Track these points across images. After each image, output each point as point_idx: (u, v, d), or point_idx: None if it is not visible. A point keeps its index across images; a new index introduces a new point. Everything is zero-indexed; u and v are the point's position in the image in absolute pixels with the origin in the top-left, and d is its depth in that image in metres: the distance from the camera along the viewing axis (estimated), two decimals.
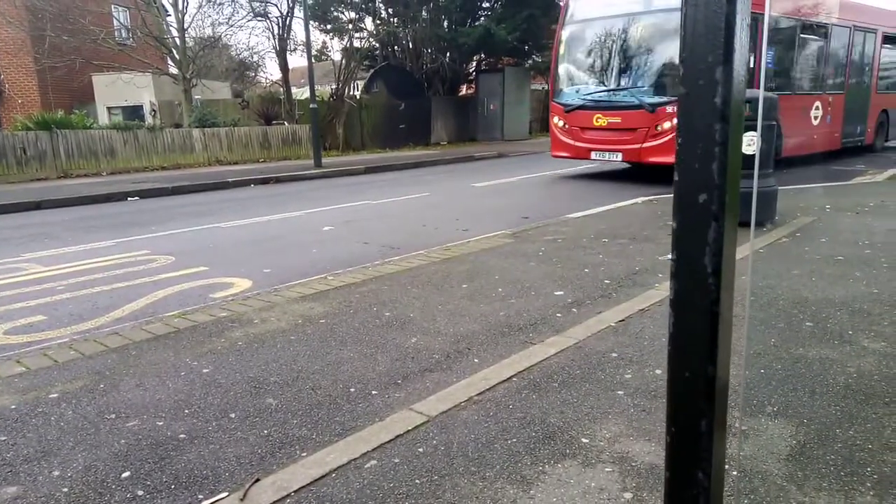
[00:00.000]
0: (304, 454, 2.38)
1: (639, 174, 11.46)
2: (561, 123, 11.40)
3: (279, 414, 2.71)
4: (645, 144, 10.11)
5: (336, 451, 2.39)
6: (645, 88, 10.29)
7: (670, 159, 9.74)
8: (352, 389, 2.93)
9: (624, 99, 10.44)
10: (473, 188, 11.19)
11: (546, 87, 28.20)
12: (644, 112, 10.05)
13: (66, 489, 2.19)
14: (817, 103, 12.24)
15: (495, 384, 2.92)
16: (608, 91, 10.74)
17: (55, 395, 2.92)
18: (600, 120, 10.64)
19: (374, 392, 2.90)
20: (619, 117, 10.42)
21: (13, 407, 2.82)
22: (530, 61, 24.68)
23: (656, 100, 10.01)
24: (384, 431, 2.53)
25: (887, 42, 14.36)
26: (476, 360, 3.22)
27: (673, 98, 9.46)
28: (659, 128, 9.91)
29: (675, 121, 9.18)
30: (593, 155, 10.88)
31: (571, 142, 11.18)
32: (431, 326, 3.75)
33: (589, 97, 10.94)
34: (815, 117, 12.22)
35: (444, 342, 3.49)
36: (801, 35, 11.59)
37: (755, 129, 5.60)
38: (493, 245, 5.94)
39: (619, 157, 10.63)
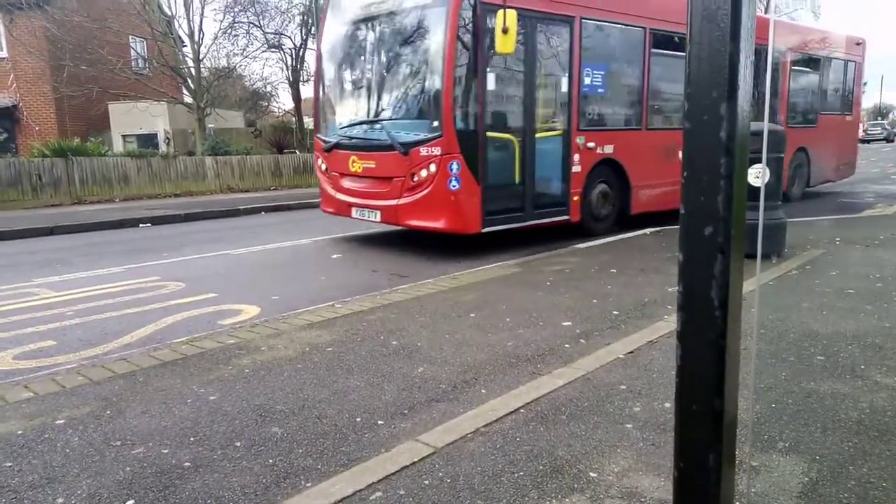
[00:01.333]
0: (309, 485, 2.36)
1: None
2: (323, 167, 8.48)
3: (285, 443, 2.69)
4: (401, 200, 7.19)
5: (341, 482, 2.37)
6: (403, 122, 7.33)
7: (432, 223, 7.06)
8: (358, 419, 2.92)
9: (377, 136, 7.57)
10: None
11: None
12: (398, 155, 7.08)
13: None
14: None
15: (503, 415, 2.89)
16: (364, 124, 7.86)
17: (62, 422, 2.92)
18: (355, 164, 7.74)
19: (380, 422, 2.88)
20: (373, 161, 7.54)
21: (20, 432, 2.82)
22: None
23: (411, 138, 7.02)
24: (390, 462, 2.50)
25: (802, 61, 11.81)
26: (483, 391, 3.19)
27: (432, 136, 6.78)
28: (415, 177, 7.00)
29: (433, 167, 6.75)
30: (354, 212, 7.94)
31: (333, 192, 8.29)
32: (438, 356, 3.73)
33: (344, 132, 8.07)
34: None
35: (451, 372, 3.47)
36: (655, 49, 8.91)
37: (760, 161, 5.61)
38: (501, 274, 5.94)
39: (378, 216, 7.60)
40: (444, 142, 6.80)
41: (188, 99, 19.02)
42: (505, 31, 6.28)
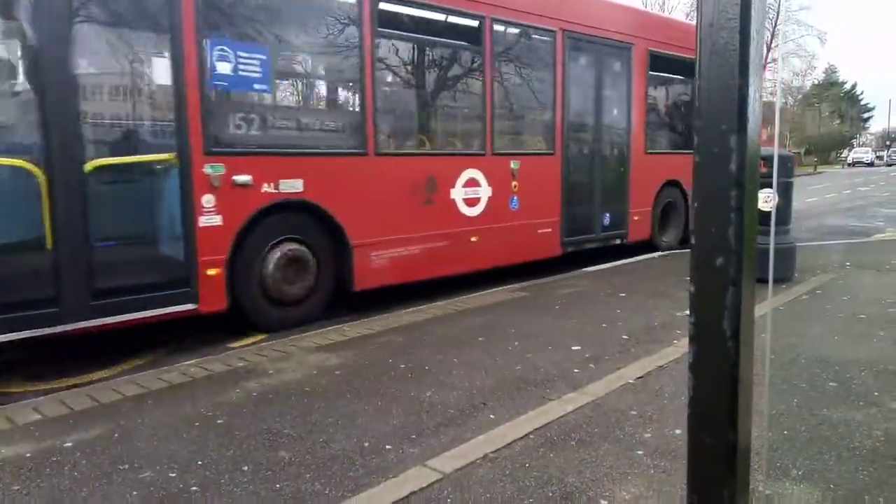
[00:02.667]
0: None
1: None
2: None
3: (292, 467, 2.68)
4: None
5: None
6: None
7: None
8: (366, 444, 2.90)
9: None
10: None
11: None
12: None
13: None
14: (470, 173, 6.49)
15: (511, 441, 2.87)
16: None
17: (70, 444, 2.92)
18: None
19: (388, 447, 2.86)
20: None
21: (28, 455, 2.82)
22: None
23: None
24: (398, 488, 2.48)
25: (661, 66, 8.80)
26: (492, 416, 3.17)
27: None
28: None
29: None
30: None
31: None
32: (447, 380, 3.72)
33: None
34: (460, 200, 6.42)
35: (459, 396, 3.46)
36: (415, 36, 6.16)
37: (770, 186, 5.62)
38: (509, 298, 5.93)
39: None
40: None
41: None
42: None
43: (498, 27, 6.75)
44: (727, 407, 0.89)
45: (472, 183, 6.58)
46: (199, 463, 2.73)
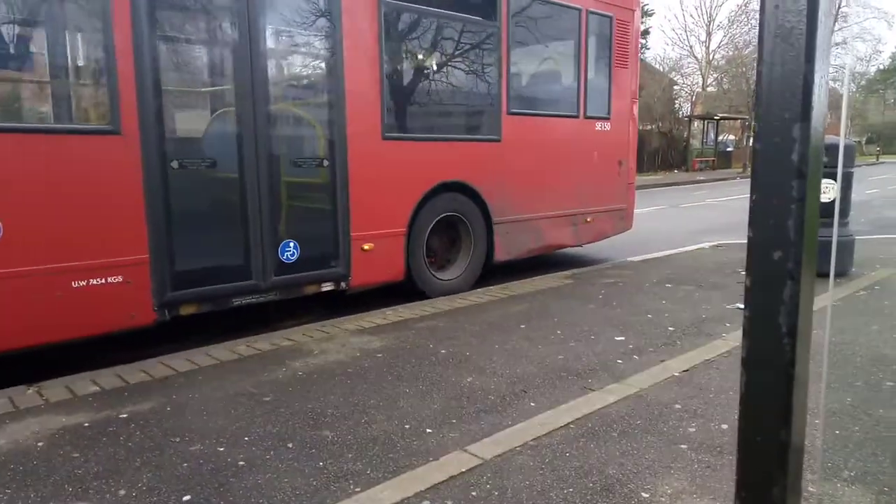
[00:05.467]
0: (358, 490, 2.39)
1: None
2: None
3: (335, 446, 2.74)
4: None
5: (389, 489, 2.39)
6: None
7: None
8: (406, 426, 2.94)
9: None
10: None
11: None
12: None
13: None
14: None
15: (552, 430, 2.86)
16: None
17: (125, 416, 3.05)
18: None
19: (428, 430, 2.89)
20: None
21: (86, 424, 2.96)
22: None
23: None
24: (438, 471, 2.51)
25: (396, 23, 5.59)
26: (532, 404, 3.16)
27: None
28: None
29: None
30: None
31: None
32: (487, 366, 3.72)
33: None
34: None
35: (499, 383, 3.46)
36: None
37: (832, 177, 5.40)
38: (553, 285, 5.88)
39: None
40: None
41: None
42: None
43: None
44: (781, 405, 0.86)
45: None
46: (246, 439, 2.81)
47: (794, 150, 0.82)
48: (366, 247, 5.20)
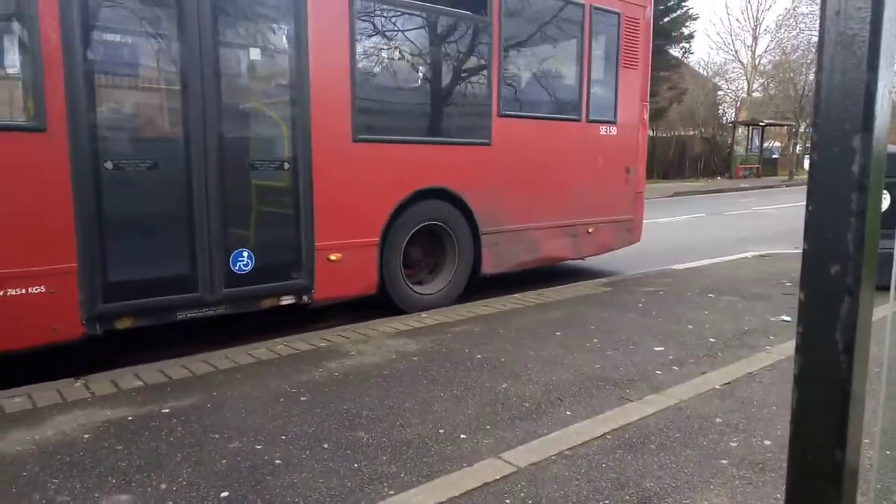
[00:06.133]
0: (392, 492, 2.40)
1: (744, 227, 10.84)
2: None
3: (370, 448, 2.75)
4: None
5: (423, 493, 2.39)
6: None
7: None
8: (441, 430, 2.93)
9: None
10: None
11: (651, 133, 27.67)
12: None
13: (170, 502, 2.32)
14: None
15: (588, 440, 2.82)
16: None
17: (167, 411, 3.12)
18: None
19: (462, 435, 2.88)
20: None
21: (130, 418, 3.04)
22: None
23: None
24: (471, 478, 2.50)
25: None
26: (568, 413, 3.13)
27: None
28: None
29: None
30: None
31: None
32: (523, 373, 3.70)
33: None
34: None
35: (535, 390, 3.43)
36: None
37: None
38: (590, 293, 5.81)
39: None
40: None
41: None
42: None
43: None
44: (835, 424, 0.83)
45: None
46: (283, 437, 2.85)
47: (855, 162, 0.79)
48: (332, 257, 4.77)
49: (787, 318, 4.84)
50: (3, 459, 2.61)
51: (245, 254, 4.38)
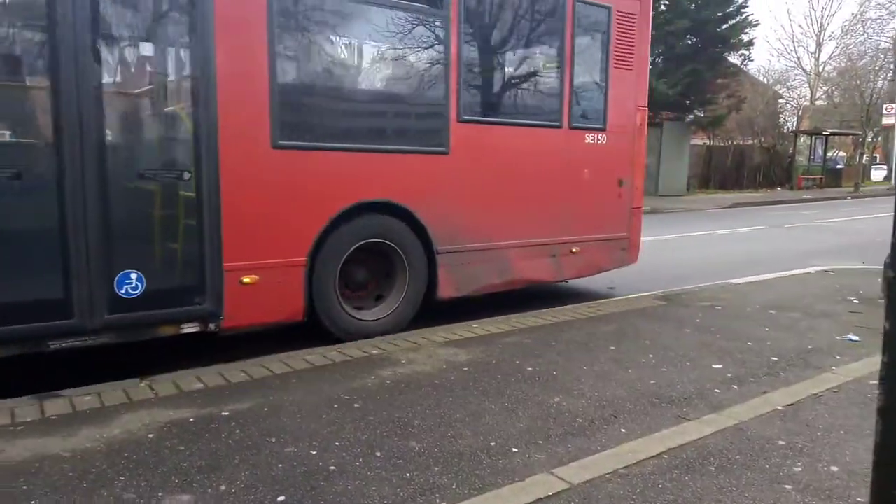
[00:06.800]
0: None
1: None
2: None
3: (422, 458, 2.76)
4: None
5: None
6: None
7: None
8: (492, 443, 2.92)
9: None
10: None
11: (708, 142, 26.99)
12: None
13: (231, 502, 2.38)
14: None
15: (643, 459, 2.76)
16: None
17: (226, 414, 3.22)
18: None
19: (514, 449, 2.86)
20: None
21: (191, 419, 3.15)
22: (692, 116, 23.80)
23: None
24: (524, 493, 2.48)
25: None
26: (623, 430, 3.07)
27: None
28: None
29: None
30: None
31: None
32: (575, 387, 3.65)
33: None
34: None
35: (588, 406, 3.38)
36: None
37: None
38: (644, 306, 5.69)
39: None
40: None
41: None
42: None
43: None
44: None
45: None
46: (337, 444, 2.89)
47: None
48: (246, 279, 4.16)
49: (855, 338, 4.62)
50: (75, 455, 2.74)
51: (133, 276, 3.80)
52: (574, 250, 5.94)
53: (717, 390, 3.61)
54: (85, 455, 2.74)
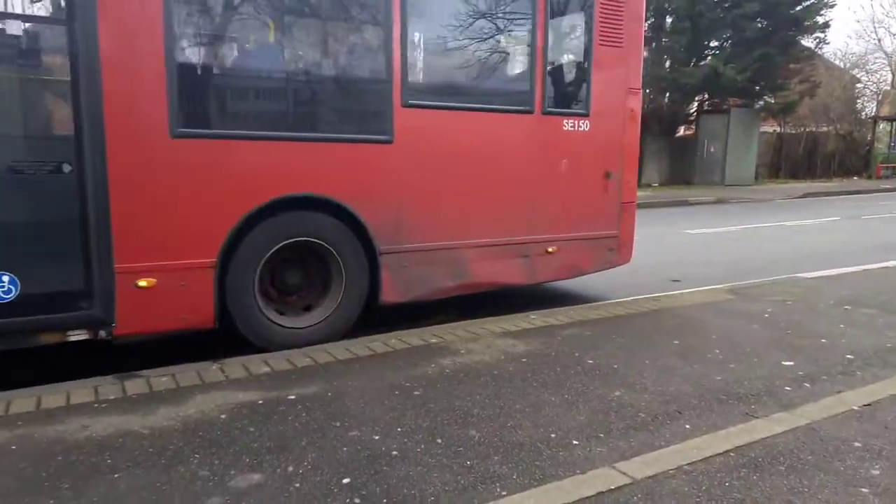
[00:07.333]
0: (504, 493, 2.42)
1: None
2: None
3: (482, 447, 2.79)
4: None
5: (534, 497, 2.39)
6: None
7: None
8: (552, 435, 2.92)
9: None
10: (686, 235, 10.57)
11: (778, 129, 25.84)
12: None
13: (297, 484, 2.47)
14: None
15: (709, 456, 2.69)
16: None
17: (293, 397, 3.33)
18: None
19: (574, 442, 2.85)
20: None
21: (260, 402, 3.27)
22: (761, 102, 22.81)
23: None
24: (585, 486, 2.47)
25: None
26: (687, 426, 3.00)
27: None
28: None
29: None
30: None
31: None
32: (637, 381, 3.59)
33: None
34: None
35: (650, 400, 3.32)
36: None
37: None
38: (710, 300, 5.53)
39: None
40: None
41: None
42: None
43: None
44: None
45: None
46: (399, 430, 2.95)
47: None
48: (142, 283, 3.76)
49: None
50: (154, 433, 2.90)
51: (6, 279, 3.45)
52: (550, 250, 5.31)
53: (788, 388, 3.48)
54: (163, 433, 2.90)
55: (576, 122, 5.29)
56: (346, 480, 2.50)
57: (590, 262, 5.65)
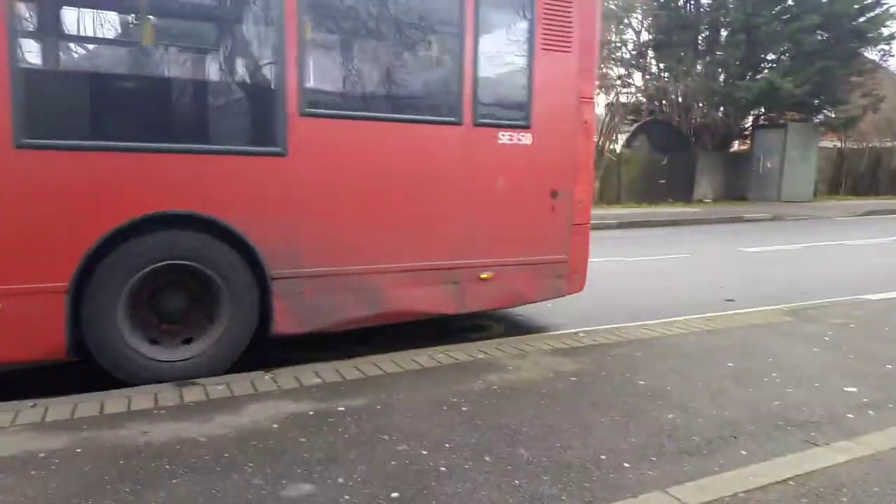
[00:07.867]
0: None
1: None
2: None
3: (530, 466, 2.77)
4: None
5: None
6: None
7: None
8: (602, 457, 2.87)
9: None
10: (742, 253, 10.26)
11: (839, 144, 24.89)
12: None
13: (347, 496, 2.51)
14: None
15: (767, 484, 2.61)
16: None
17: (342, 409, 3.38)
18: None
19: (626, 464, 2.80)
20: None
21: (311, 413, 3.33)
22: (821, 116, 22.04)
23: None
24: None
25: None
26: (743, 452, 2.91)
27: None
28: None
29: None
30: None
31: None
32: (690, 404, 3.50)
33: None
34: None
35: (704, 424, 3.23)
36: None
37: None
38: (767, 321, 5.36)
39: None
40: None
41: None
42: None
43: None
44: None
45: None
46: (447, 445, 2.96)
47: None
48: None
49: None
50: (210, 441, 2.99)
51: None
52: (484, 276, 4.78)
53: (851, 415, 3.34)
54: (218, 441, 2.98)
55: (514, 135, 4.78)
56: (394, 495, 2.52)
57: (534, 289, 5.12)
